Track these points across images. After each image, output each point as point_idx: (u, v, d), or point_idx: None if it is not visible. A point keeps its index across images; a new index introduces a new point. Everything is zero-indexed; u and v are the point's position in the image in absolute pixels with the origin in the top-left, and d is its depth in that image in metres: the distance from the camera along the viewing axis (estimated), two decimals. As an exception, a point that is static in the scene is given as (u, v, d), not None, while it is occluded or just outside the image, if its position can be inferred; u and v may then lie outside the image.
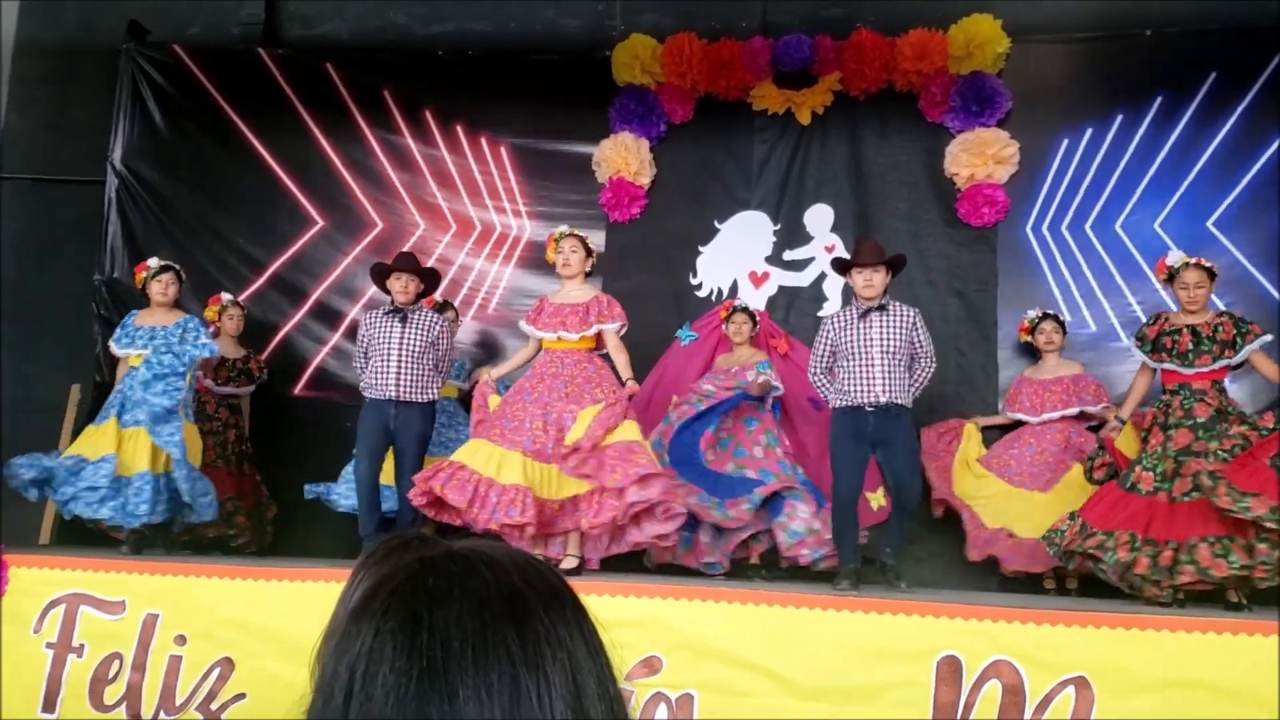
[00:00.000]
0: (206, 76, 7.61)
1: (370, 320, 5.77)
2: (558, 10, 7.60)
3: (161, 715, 4.59)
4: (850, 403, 5.18)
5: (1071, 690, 3.88)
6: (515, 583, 0.85)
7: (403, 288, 5.67)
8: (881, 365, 5.12)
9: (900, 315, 5.22)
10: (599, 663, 0.85)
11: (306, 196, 7.55)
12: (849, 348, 5.20)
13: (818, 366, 5.40)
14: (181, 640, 4.66)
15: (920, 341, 5.23)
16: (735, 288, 7.06)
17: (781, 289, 7.02)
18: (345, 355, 7.34)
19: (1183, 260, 5.19)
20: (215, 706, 4.56)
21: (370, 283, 7.22)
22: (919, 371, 5.25)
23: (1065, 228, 6.67)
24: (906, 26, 6.79)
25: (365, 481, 5.62)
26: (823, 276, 6.96)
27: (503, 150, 7.43)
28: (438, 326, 5.74)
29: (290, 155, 7.58)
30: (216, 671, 4.59)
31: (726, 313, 6.55)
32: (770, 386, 6.07)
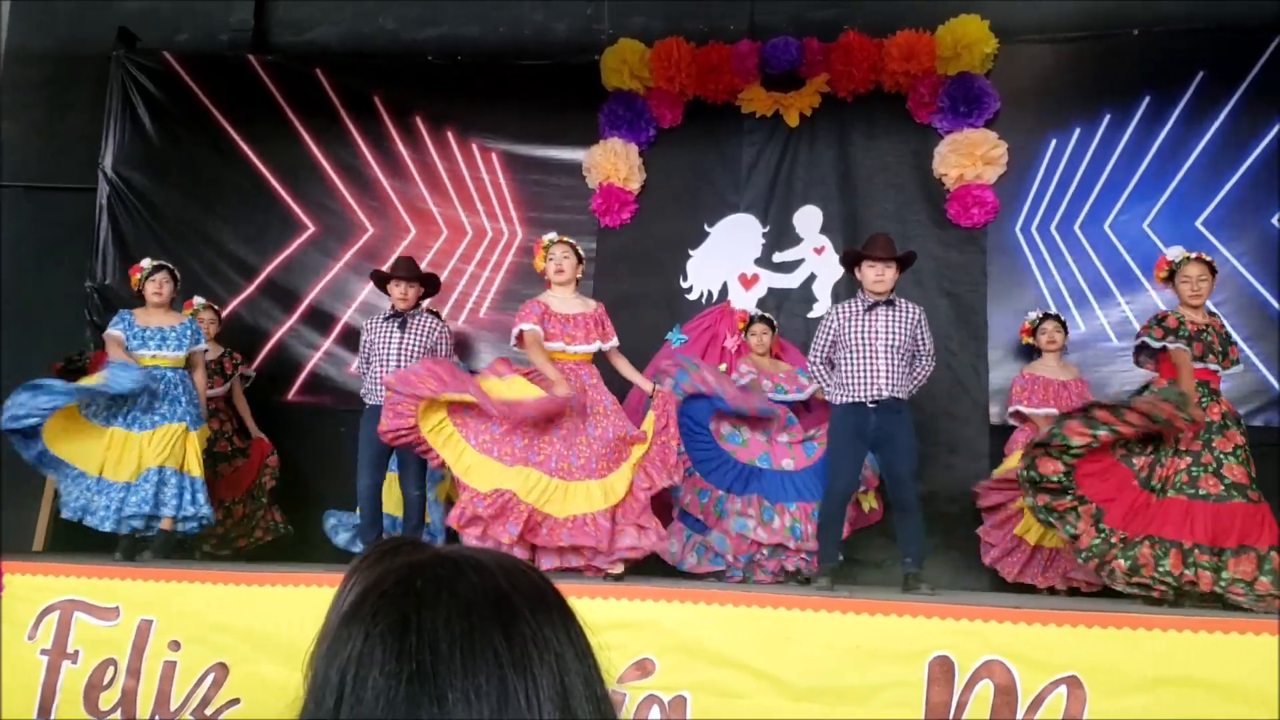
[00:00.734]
0: (196, 83, 7.62)
1: (371, 325, 5.78)
2: (546, 14, 7.62)
3: (156, 721, 4.60)
4: (852, 398, 5.18)
5: (1064, 690, 3.89)
6: (502, 586, 0.86)
7: (402, 294, 5.68)
8: (886, 359, 5.12)
9: (906, 311, 5.23)
10: (586, 664, 0.86)
11: (297, 202, 7.55)
12: (853, 340, 5.20)
13: (818, 357, 5.40)
14: (175, 646, 4.66)
15: (923, 339, 5.25)
16: (725, 290, 7.08)
17: (771, 291, 7.03)
18: (338, 360, 7.35)
19: (1184, 255, 5.17)
20: (210, 712, 4.55)
21: (362, 288, 7.29)
22: (919, 369, 5.25)
23: (1054, 228, 6.69)
24: (894, 28, 6.81)
25: (367, 494, 5.61)
26: (812, 278, 6.98)
27: (493, 156, 7.44)
28: (437, 331, 5.74)
29: (281, 161, 7.59)
30: (211, 677, 4.59)
31: (744, 323, 6.57)
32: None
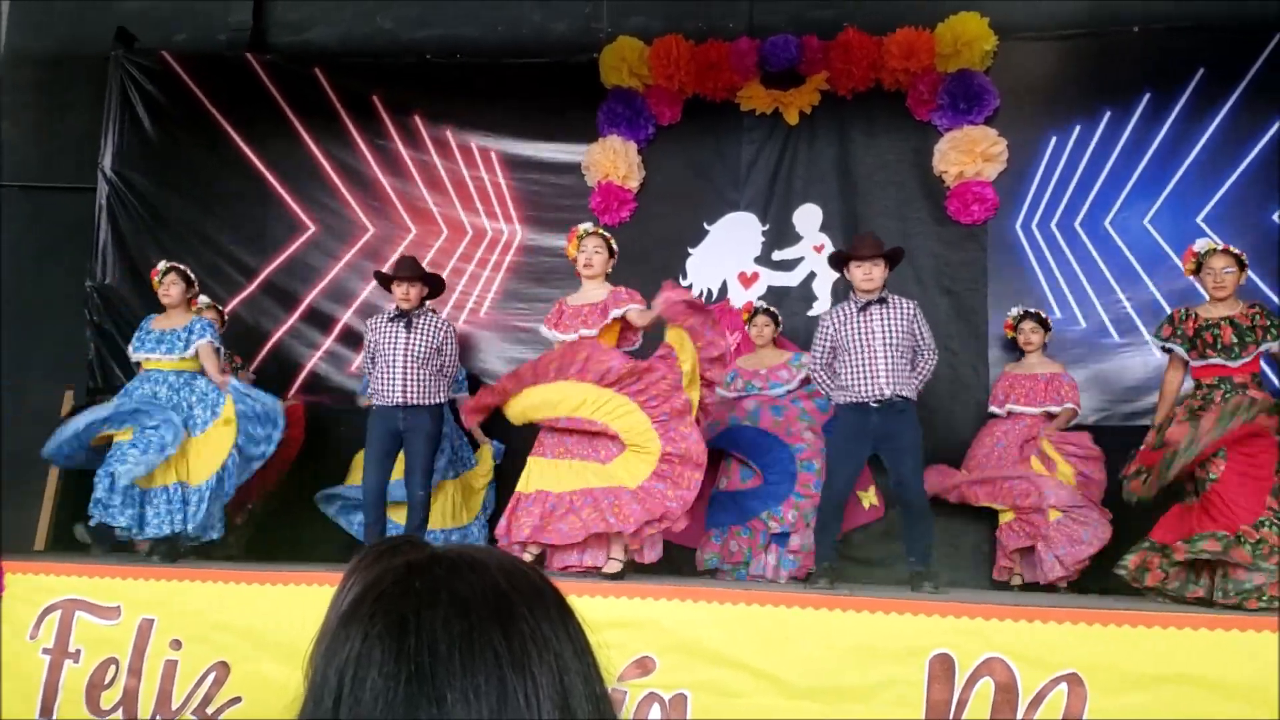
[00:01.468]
0: (195, 83, 7.61)
1: (375, 325, 5.76)
2: (544, 14, 7.61)
3: (158, 719, 4.61)
4: (854, 399, 5.16)
5: (1064, 687, 3.90)
6: (500, 585, 0.85)
7: (404, 294, 5.66)
8: (885, 358, 5.09)
9: (901, 308, 5.21)
10: (585, 663, 0.86)
11: (297, 202, 7.55)
12: (850, 342, 5.18)
13: (818, 363, 5.38)
14: (177, 645, 4.67)
15: (921, 334, 5.22)
16: (725, 289, 7.08)
17: (771, 289, 7.03)
18: (338, 360, 7.35)
19: (1209, 246, 5.06)
20: (211, 710, 4.56)
21: (363, 288, 7.29)
22: (921, 364, 5.23)
23: (1055, 225, 6.68)
24: (893, 25, 6.80)
25: (373, 491, 5.61)
26: (812, 276, 6.97)
27: (492, 154, 7.44)
28: (443, 331, 5.73)
29: (280, 161, 7.59)
30: (212, 675, 4.60)
31: (748, 314, 6.57)
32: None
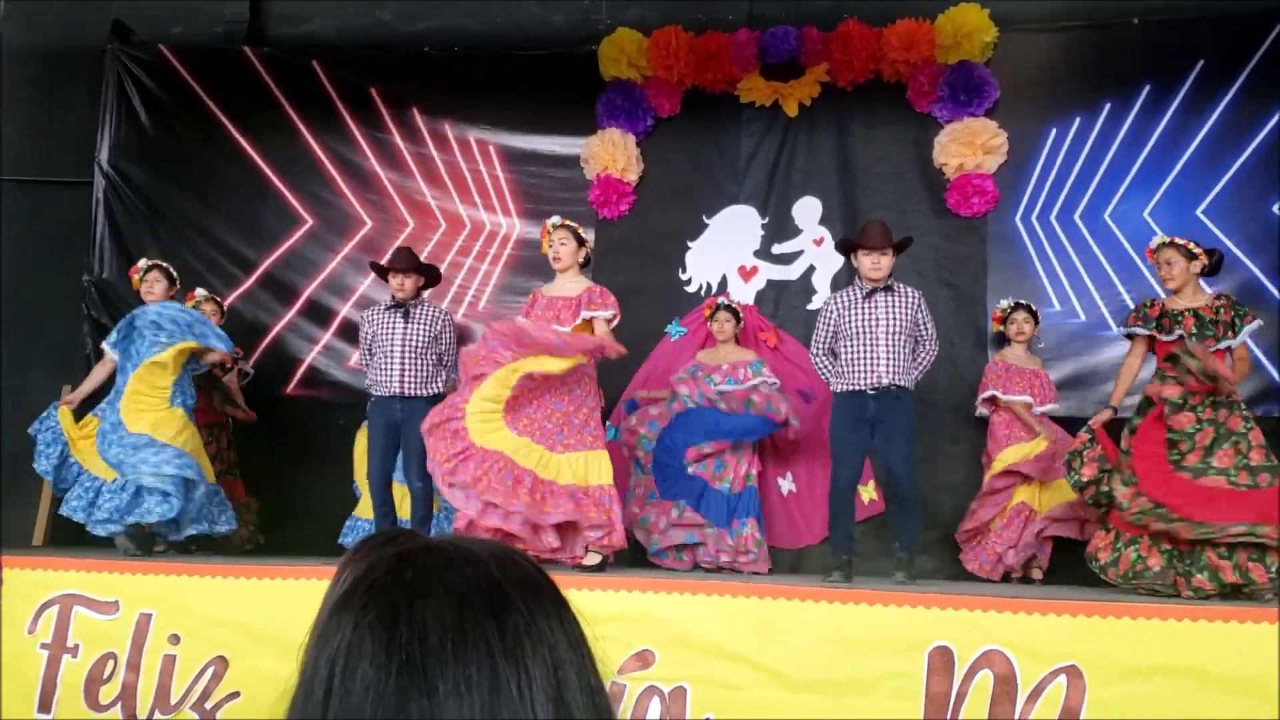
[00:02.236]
0: (192, 76, 7.59)
1: (372, 316, 5.75)
2: (543, 6, 7.59)
3: (156, 715, 4.59)
4: (851, 386, 5.18)
5: (1063, 679, 3.89)
6: (494, 575, 0.84)
7: (399, 284, 5.66)
8: (886, 346, 5.11)
9: (906, 296, 5.22)
10: (580, 655, 0.85)
11: (295, 195, 7.54)
12: (853, 328, 5.20)
13: (819, 348, 5.40)
14: (175, 639, 4.66)
15: (924, 324, 5.24)
16: (724, 282, 7.06)
17: (770, 282, 7.02)
18: (337, 353, 7.34)
19: (1160, 240, 5.15)
20: (210, 705, 4.56)
21: (361, 281, 7.28)
22: (922, 354, 5.25)
23: (1054, 217, 6.67)
24: (893, 17, 6.79)
25: (378, 483, 5.62)
26: (811, 269, 6.96)
27: (491, 148, 7.42)
28: (441, 320, 5.72)
29: (278, 154, 7.57)
30: (211, 670, 4.59)
31: (710, 310, 6.56)
32: (789, 421, 6.02)
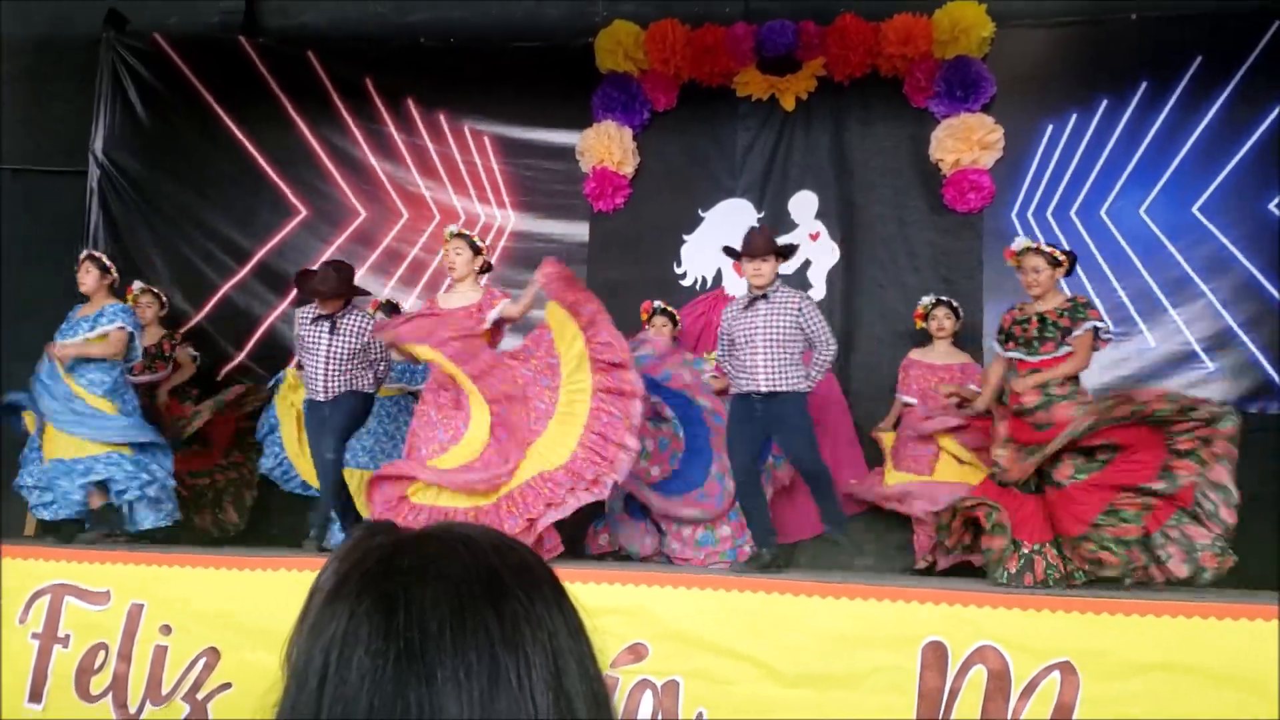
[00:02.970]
0: (187, 66, 7.56)
1: (302, 319, 5.73)
2: (539, -1, 7.57)
3: (148, 706, 4.58)
4: (741, 389, 5.24)
5: (1057, 675, 3.89)
6: (492, 562, 0.83)
7: (320, 305, 5.62)
8: (765, 353, 5.12)
9: (784, 303, 5.20)
10: (580, 644, 0.84)
11: (289, 186, 7.51)
12: (737, 335, 5.25)
13: (721, 355, 5.46)
14: (167, 630, 4.65)
15: (812, 328, 5.20)
16: (720, 276, 7.05)
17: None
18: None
19: (1025, 245, 5.14)
20: (201, 696, 4.55)
21: (354, 272, 7.24)
22: (818, 356, 5.24)
23: (1050, 214, 6.66)
24: (890, 12, 6.77)
25: (325, 470, 5.62)
26: (807, 264, 6.94)
27: (486, 140, 7.40)
28: (367, 332, 5.65)
29: (272, 144, 7.55)
30: (202, 662, 4.58)
31: (647, 315, 6.57)
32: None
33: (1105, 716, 3.83)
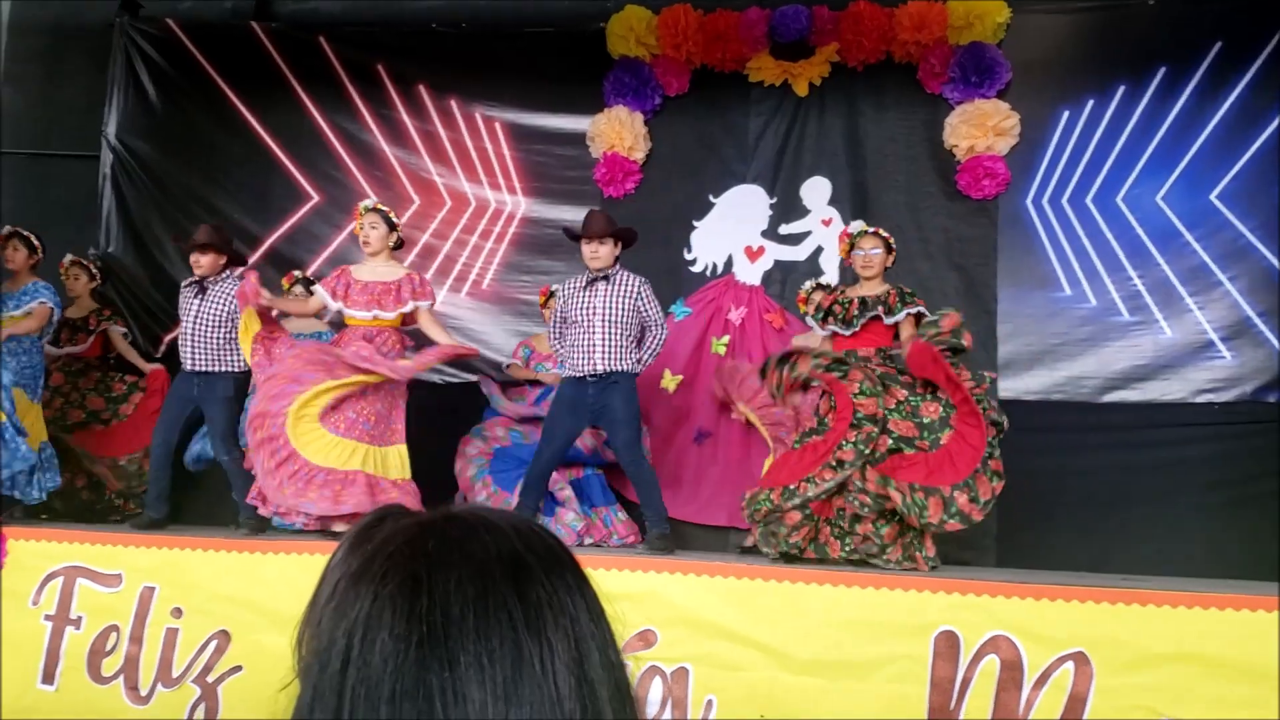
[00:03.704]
0: (200, 50, 7.55)
1: (181, 291, 5.82)
2: (551, -18, 7.53)
3: (159, 688, 4.60)
4: (573, 372, 5.32)
5: (1071, 665, 3.88)
6: (516, 547, 0.82)
7: (195, 261, 5.70)
8: (603, 333, 5.26)
9: (625, 285, 5.37)
10: (602, 629, 0.83)
11: (301, 171, 7.50)
12: (574, 315, 5.36)
13: (553, 334, 5.57)
14: (178, 613, 4.67)
15: (647, 311, 5.38)
16: (731, 262, 7.02)
17: (778, 263, 6.97)
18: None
19: (861, 229, 5.27)
20: (212, 679, 4.56)
21: (355, 256, 7.24)
22: (650, 340, 5.41)
23: (1066, 201, 6.61)
24: (905, -3, 6.73)
25: (158, 454, 5.64)
26: (819, 250, 6.91)
27: (497, 125, 7.37)
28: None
29: (285, 130, 7.54)
30: (213, 644, 4.59)
31: (544, 297, 6.63)
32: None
33: (1119, 708, 3.81)
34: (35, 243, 6.06)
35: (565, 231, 5.68)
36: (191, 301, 5.67)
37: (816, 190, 6.96)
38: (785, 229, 6.99)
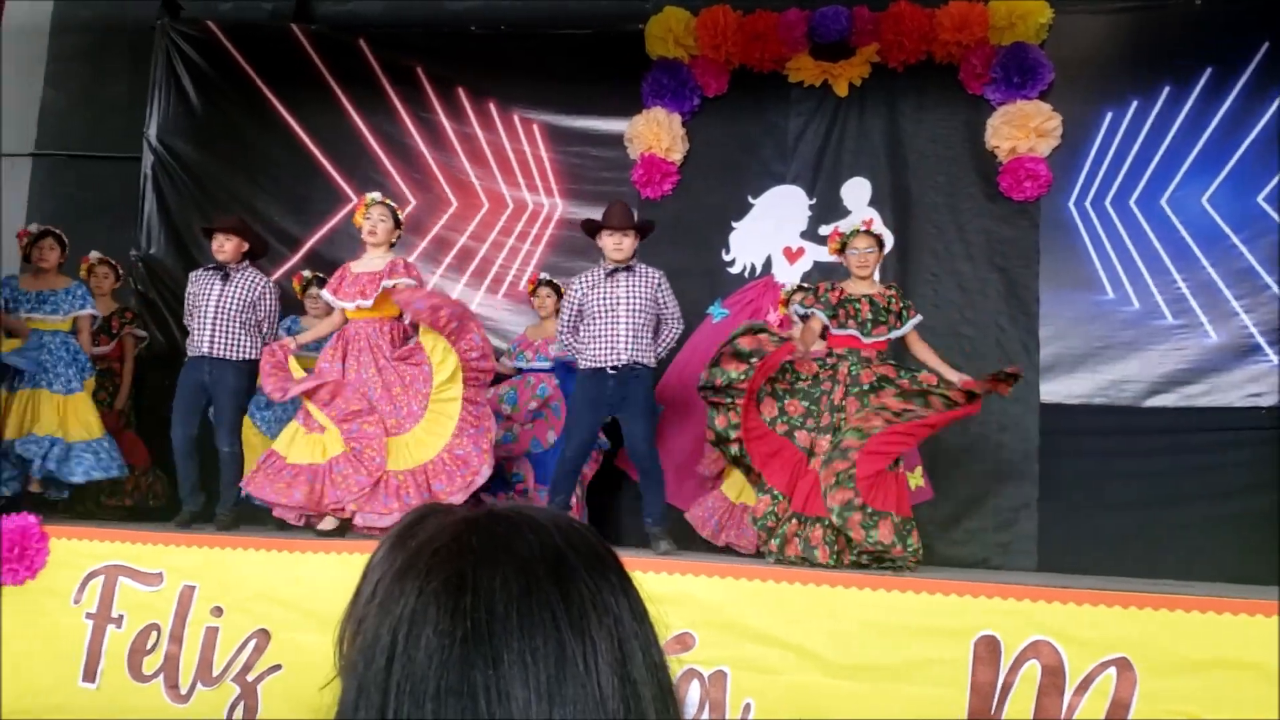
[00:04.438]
0: (240, 53, 7.63)
1: (194, 277, 5.84)
2: (589, -15, 7.54)
3: (199, 687, 4.63)
4: (594, 364, 5.29)
5: (1113, 671, 3.83)
6: (559, 545, 0.82)
7: (219, 246, 5.73)
8: (626, 324, 5.25)
9: (646, 276, 5.37)
10: (645, 629, 0.83)
11: (340, 173, 7.55)
12: (595, 307, 5.33)
13: (565, 327, 5.53)
14: (218, 612, 4.70)
15: (666, 303, 5.40)
16: (769, 263, 6.99)
17: (817, 264, 6.92)
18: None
19: (854, 227, 5.28)
20: (251, 678, 4.59)
21: (405, 258, 7.28)
22: (666, 334, 5.44)
23: (1109, 203, 6.54)
24: (946, -3, 6.68)
25: (181, 444, 5.65)
26: (860, 252, 6.86)
27: (535, 127, 7.39)
28: (260, 287, 5.75)
29: (324, 132, 7.59)
30: (253, 643, 4.62)
31: (533, 286, 6.69)
32: None
33: (1163, 713, 3.76)
34: (65, 241, 6.12)
35: (585, 224, 5.65)
36: (213, 286, 5.69)
37: (857, 191, 6.91)
38: (825, 230, 6.94)
